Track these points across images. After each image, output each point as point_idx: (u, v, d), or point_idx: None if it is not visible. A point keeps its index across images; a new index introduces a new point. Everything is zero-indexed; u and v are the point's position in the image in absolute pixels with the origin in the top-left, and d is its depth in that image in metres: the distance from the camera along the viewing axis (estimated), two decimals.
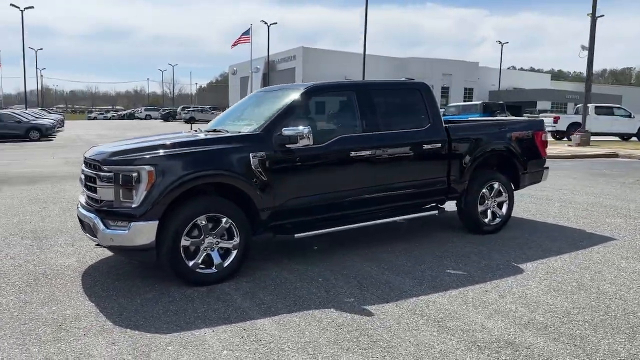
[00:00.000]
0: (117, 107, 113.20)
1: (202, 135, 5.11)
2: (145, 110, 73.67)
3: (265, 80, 67.60)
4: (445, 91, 67.43)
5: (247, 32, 54.56)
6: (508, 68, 78.01)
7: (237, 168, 4.59)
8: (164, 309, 3.99)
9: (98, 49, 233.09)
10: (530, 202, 8.35)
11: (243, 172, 4.60)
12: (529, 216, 7.37)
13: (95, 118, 76.70)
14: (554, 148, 16.98)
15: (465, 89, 69.11)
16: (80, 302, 4.16)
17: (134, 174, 4.24)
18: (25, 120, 27.03)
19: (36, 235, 6.26)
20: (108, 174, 4.32)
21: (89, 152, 4.90)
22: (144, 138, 5.26)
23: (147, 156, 4.36)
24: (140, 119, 68.62)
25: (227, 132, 5.22)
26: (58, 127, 33.96)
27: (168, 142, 4.62)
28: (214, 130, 5.46)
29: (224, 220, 4.53)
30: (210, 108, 61.17)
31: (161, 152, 4.43)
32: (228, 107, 8.19)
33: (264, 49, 51.10)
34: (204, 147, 4.62)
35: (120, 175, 4.27)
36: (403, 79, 6.18)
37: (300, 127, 4.73)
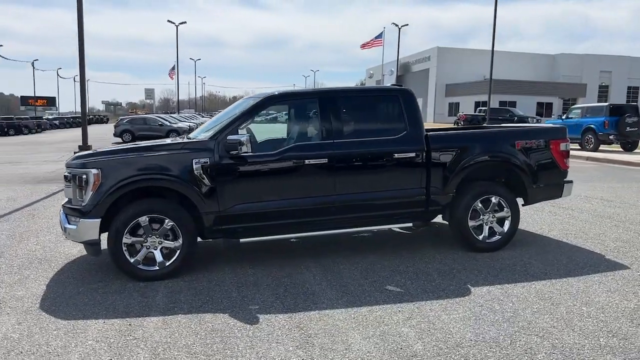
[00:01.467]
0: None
1: (158, 142, 5.51)
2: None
3: (398, 83, 67.23)
4: (603, 90, 60.79)
5: (379, 36, 54.84)
6: None
7: (179, 173, 4.88)
8: (92, 299, 4.44)
9: (258, 57, 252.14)
10: (551, 215, 7.38)
11: (185, 177, 4.88)
12: (545, 232, 6.56)
13: None
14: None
15: (630, 87, 61.62)
16: (37, 285, 4.79)
17: (84, 176, 4.77)
18: (167, 124, 30.48)
19: None
20: (69, 175, 4.92)
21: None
22: (130, 145, 5.75)
23: (96, 160, 4.86)
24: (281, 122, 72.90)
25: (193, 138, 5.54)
26: None
27: (124, 148, 5.09)
28: (188, 138, 5.82)
29: (166, 221, 4.86)
30: None
31: (109, 157, 4.91)
32: None
33: (407, 50, 50.74)
34: (151, 153, 5.00)
35: (76, 177, 4.83)
36: (391, 84, 5.94)
37: (239, 135, 4.88)
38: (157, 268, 4.89)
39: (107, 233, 4.82)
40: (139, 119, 31.59)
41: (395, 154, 5.42)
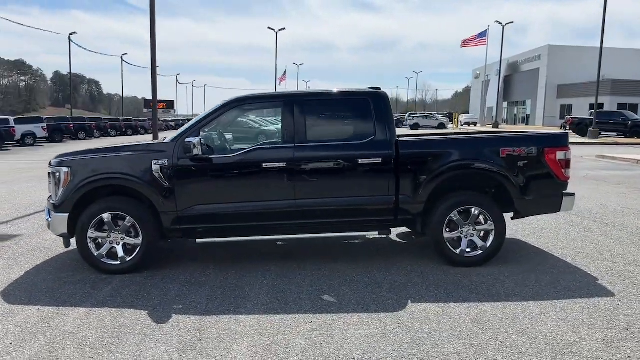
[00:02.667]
0: None
1: (130, 143, 5.80)
2: None
3: (505, 83, 63.79)
4: None
5: (483, 34, 52.47)
6: None
7: (139, 173, 5.12)
8: (49, 287, 4.82)
9: (366, 59, 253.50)
10: (579, 230, 6.55)
11: (145, 178, 5.12)
12: (555, 248, 5.87)
13: None
14: None
15: None
16: (18, 271, 5.30)
17: (57, 174, 5.20)
18: (256, 126, 31.75)
19: None
20: (49, 172, 5.38)
21: None
22: (105, 146, 6.07)
23: (68, 160, 5.26)
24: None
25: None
26: None
27: (97, 149, 5.46)
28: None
29: (127, 219, 5.14)
30: (437, 114, 60.71)
31: (81, 156, 5.29)
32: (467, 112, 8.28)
33: (521, 49, 47.69)
34: (116, 153, 5.31)
35: (53, 174, 5.28)
36: (370, 88, 5.70)
37: (193, 138, 5.02)
38: (119, 263, 5.18)
39: None
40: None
41: (360, 160, 5.23)
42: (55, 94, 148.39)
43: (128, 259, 5.19)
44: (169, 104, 77.01)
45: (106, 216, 5.13)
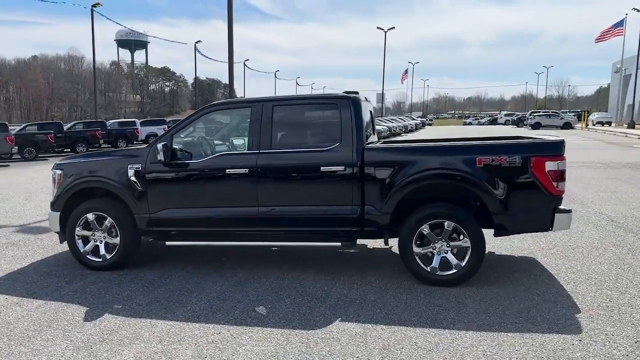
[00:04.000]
0: (508, 112, 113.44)
1: (117, 149, 6.14)
2: (506, 115, 73.12)
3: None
4: None
5: (619, 24, 47.15)
6: None
7: (116, 177, 5.44)
8: (34, 279, 5.33)
9: (497, 55, 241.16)
10: (607, 245, 5.56)
11: (122, 182, 5.43)
12: (560, 265, 5.10)
13: (470, 124, 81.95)
14: None
15: None
16: (20, 260, 5.92)
17: (54, 176, 5.73)
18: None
19: None
20: (51, 174, 5.95)
21: None
22: (98, 151, 6.54)
23: (64, 163, 5.76)
24: (501, 124, 68.64)
25: None
26: (404, 132, 38.93)
27: (89, 154, 5.90)
28: None
29: (107, 220, 5.50)
30: (565, 113, 55.61)
31: (74, 161, 5.75)
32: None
33: None
34: (100, 158, 5.69)
35: (52, 176, 5.82)
36: (343, 92, 5.44)
37: (160, 143, 5.21)
38: (101, 260, 5.56)
39: None
40: None
41: (322, 167, 5.03)
42: (195, 98, 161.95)
43: (108, 256, 5.54)
44: None
45: (90, 216, 5.53)
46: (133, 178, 5.38)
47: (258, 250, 6.19)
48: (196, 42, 56.98)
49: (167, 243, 5.45)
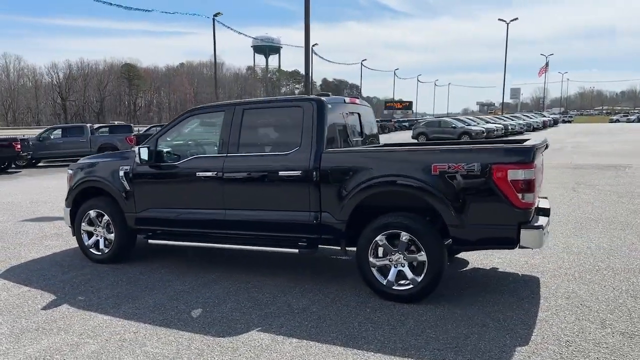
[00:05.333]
0: None
1: (121, 151, 6.53)
2: None
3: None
4: None
5: None
6: None
7: (110, 178, 5.86)
8: (48, 269, 5.92)
9: None
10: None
11: (114, 182, 5.83)
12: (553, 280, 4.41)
13: (617, 121, 75.64)
14: None
15: None
16: (42, 249, 6.63)
17: (67, 175, 6.34)
18: (460, 125, 30.40)
19: None
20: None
21: None
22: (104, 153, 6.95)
23: (74, 164, 6.34)
24: None
25: None
26: (527, 130, 36.39)
27: (96, 155, 6.41)
28: None
29: (104, 217, 5.96)
30: None
31: (83, 162, 6.30)
32: None
33: None
34: (101, 159, 6.14)
35: (67, 176, 6.45)
36: (313, 95, 5.26)
37: (142, 146, 5.51)
38: (100, 253, 6.03)
39: None
40: (434, 121, 32.51)
41: (280, 172, 4.94)
42: None
43: (106, 250, 5.99)
44: (407, 104, 79.41)
45: (92, 213, 6.02)
46: (123, 178, 5.75)
47: (246, 252, 6.24)
48: (313, 45, 58.53)
49: (150, 241, 5.73)
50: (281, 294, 4.84)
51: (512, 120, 40.95)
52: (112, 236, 5.92)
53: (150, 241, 5.73)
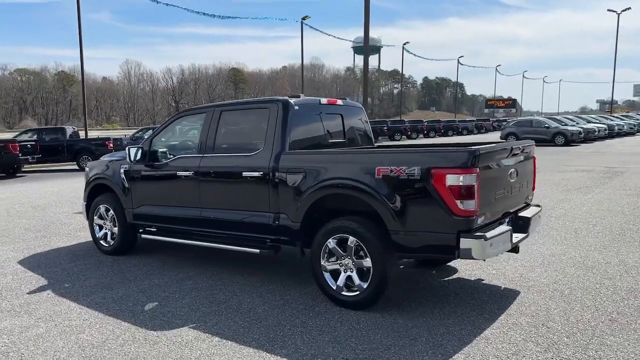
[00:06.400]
0: None
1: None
2: None
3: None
4: None
5: None
6: None
7: (114, 176, 6.29)
8: (62, 257, 6.52)
9: None
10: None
11: (117, 180, 6.26)
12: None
13: None
14: None
15: None
16: (72, 243, 7.25)
17: (85, 172, 6.92)
18: (554, 125, 28.26)
19: None
20: None
21: None
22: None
23: (89, 163, 6.87)
24: None
25: None
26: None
27: (110, 154, 6.89)
28: None
29: (110, 212, 6.42)
30: None
31: (96, 160, 6.81)
32: None
33: None
34: (109, 158, 6.59)
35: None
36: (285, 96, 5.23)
37: (127, 148, 5.87)
38: (107, 245, 6.50)
39: None
40: (525, 121, 30.50)
41: (244, 173, 5.01)
42: (423, 98, 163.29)
43: (112, 243, 6.44)
44: (510, 103, 75.11)
45: (102, 207, 6.51)
46: (123, 176, 6.15)
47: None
48: (404, 43, 57.72)
49: (143, 236, 6.07)
50: (240, 293, 4.90)
51: (622, 120, 37.28)
52: (116, 230, 6.36)
53: (143, 236, 6.07)
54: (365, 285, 4.29)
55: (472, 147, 3.92)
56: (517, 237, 4.47)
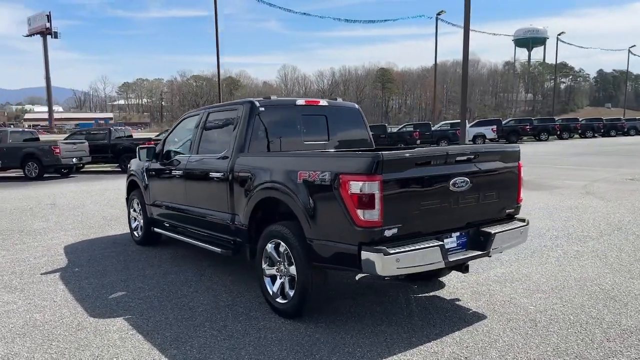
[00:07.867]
0: None
1: None
2: None
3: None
4: None
5: None
6: None
7: (140, 172, 6.83)
8: (93, 246, 7.30)
9: None
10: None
11: (140, 177, 6.80)
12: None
13: None
14: None
15: None
16: (116, 233, 8.02)
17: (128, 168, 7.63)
18: None
19: None
20: None
21: None
22: None
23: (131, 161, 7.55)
24: None
25: None
26: None
27: None
28: None
29: (139, 205, 7.00)
30: None
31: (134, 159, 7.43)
32: None
33: None
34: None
35: None
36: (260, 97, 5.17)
37: (138, 148, 6.33)
38: (138, 236, 7.10)
39: None
40: None
41: (211, 174, 5.12)
42: (596, 93, 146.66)
43: (140, 234, 7.02)
44: None
45: (135, 201, 7.13)
46: (144, 174, 6.67)
47: None
48: (559, 34, 52.38)
49: (155, 230, 6.51)
50: (217, 298, 4.80)
51: None
52: (142, 222, 6.91)
53: (154, 230, 6.51)
54: (292, 294, 4.10)
55: (377, 152, 3.50)
56: (465, 254, 3.89)
